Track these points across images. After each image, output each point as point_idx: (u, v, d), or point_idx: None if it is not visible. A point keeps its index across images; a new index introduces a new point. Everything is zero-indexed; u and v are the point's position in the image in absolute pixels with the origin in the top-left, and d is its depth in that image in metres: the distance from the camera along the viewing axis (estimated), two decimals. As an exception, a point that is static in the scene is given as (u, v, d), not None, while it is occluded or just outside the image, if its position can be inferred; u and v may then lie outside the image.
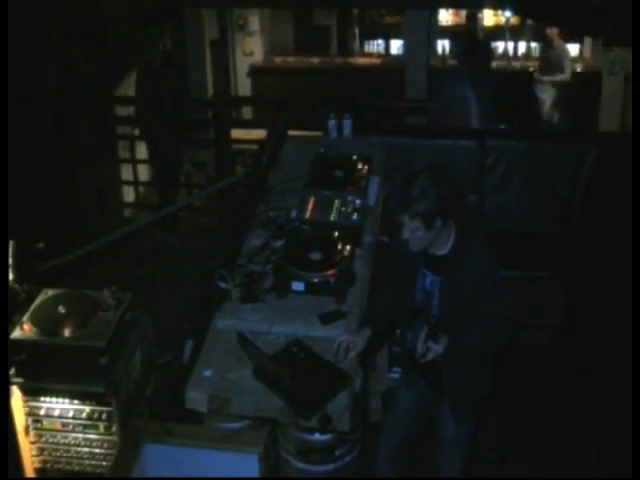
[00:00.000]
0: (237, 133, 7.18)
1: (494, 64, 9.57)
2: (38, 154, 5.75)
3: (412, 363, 3.17)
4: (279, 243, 3.66)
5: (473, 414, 3.31)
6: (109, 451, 3.46)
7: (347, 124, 4.86)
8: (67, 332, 3.38)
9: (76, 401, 3.40)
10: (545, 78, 8.51)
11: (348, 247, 3.47)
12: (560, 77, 8.43)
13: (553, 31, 8.38)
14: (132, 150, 6.96)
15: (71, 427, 3.45)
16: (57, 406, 3.43)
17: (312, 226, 3.65)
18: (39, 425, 3.48)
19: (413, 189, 2.85)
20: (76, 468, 3.54)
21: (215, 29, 9.50)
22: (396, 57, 10.26)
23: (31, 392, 3.41)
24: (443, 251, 3.02)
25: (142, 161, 7.11)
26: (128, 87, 6.90)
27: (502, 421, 4.49)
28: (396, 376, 3.83)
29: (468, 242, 3.01)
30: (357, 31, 10.45)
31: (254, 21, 9.90)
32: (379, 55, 10.50)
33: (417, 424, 3.43)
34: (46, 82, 5.95)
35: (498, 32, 9.93)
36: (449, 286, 3.01)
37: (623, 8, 4.84)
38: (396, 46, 10.37)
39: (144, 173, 7.48)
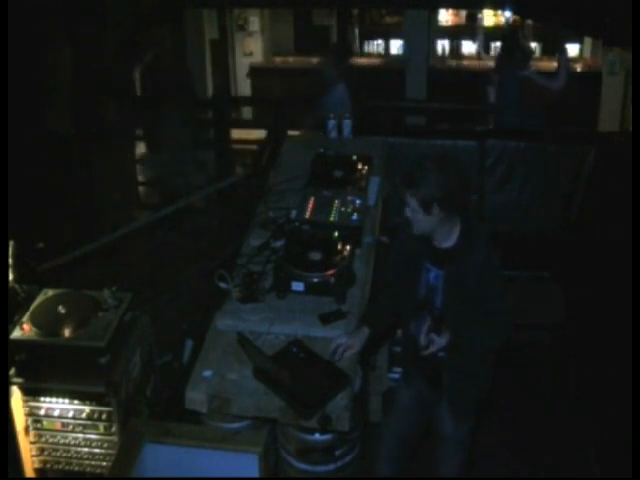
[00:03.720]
0: (237, 133, 7.19)
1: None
2: (40, 153, 5.75)
3: (414, 356, 3.17)
4: (279, 243, 3.65)
5: (472, 413, 3.31)
6: (109, 451, 3.45)
7: (347, 124, 4.86)
8: (67, 332, 3.37)
9: (76, 401, 3.39)
10: None
11: (348, 247, 3.47)
12: None
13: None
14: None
15: (71, 427, 3.45)
16: (57, 406, 3.42)
17: (312, 226, 3.65)
18: (39, 425, 3.47)
19: (415, 171, 2.87)
20: (76, 468, 3.54)
21: (215, 29, 9.49)
22: (396, 57, 10.26)
23: (31, 392, 3.40)
24: (447, 244, 3.01)
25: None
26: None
27: (502, 421, 4.50)
28: (396, 376, 3.83)
29: (473, 237, 3.00)
30: (357, 31, 10.44)
31: (254, 21, 9.90)
32: (379, 55, 10.50)
33: (417, 424, 3.43)
34: (49, 77, 5.94)
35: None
36: (453, 280, 3.00)
37: (623, 8, 4.84)
38: (396, 46, 10.37)
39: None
